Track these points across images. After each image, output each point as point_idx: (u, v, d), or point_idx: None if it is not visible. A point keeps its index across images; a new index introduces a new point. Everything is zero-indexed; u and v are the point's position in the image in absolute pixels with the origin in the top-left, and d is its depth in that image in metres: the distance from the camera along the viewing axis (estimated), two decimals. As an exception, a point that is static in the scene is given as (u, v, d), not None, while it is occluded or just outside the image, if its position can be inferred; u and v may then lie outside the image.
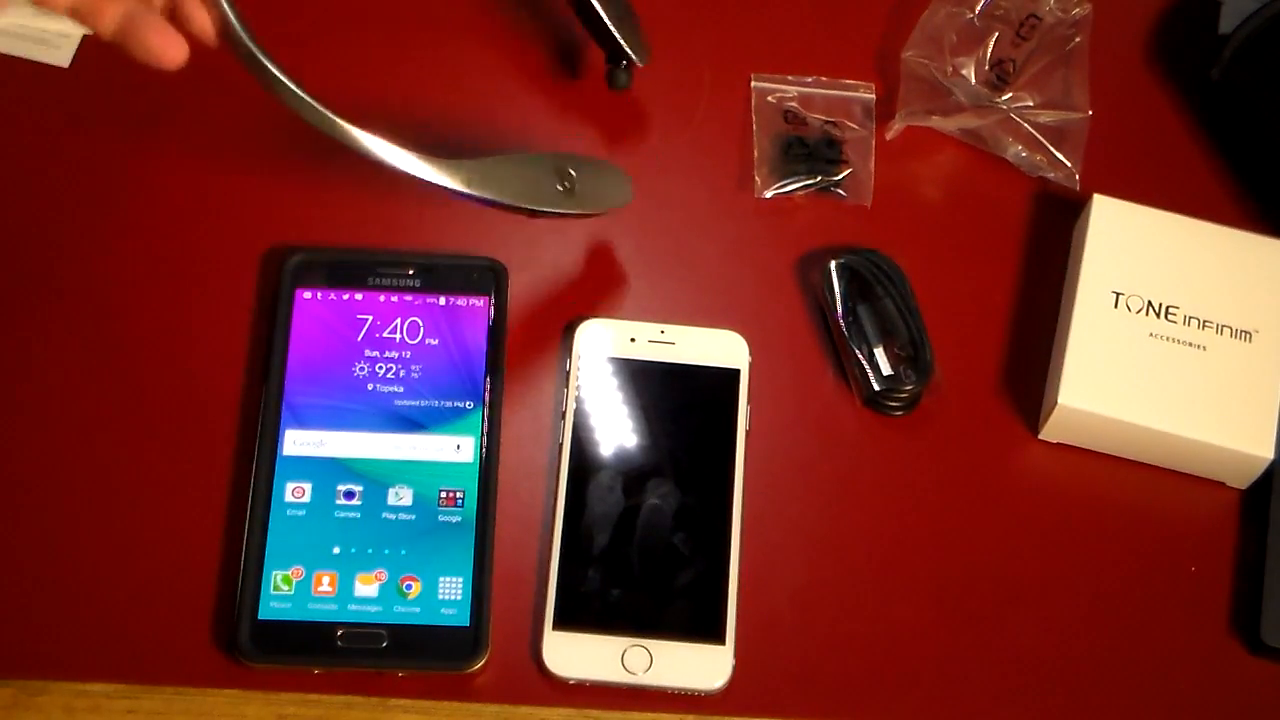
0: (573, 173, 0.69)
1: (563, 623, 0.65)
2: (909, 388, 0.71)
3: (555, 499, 0.68)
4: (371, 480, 0.67)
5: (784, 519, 0.69)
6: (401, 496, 0.67)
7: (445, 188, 0.65)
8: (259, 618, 0.64)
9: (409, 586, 0.65)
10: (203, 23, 0.60)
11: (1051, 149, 0.76)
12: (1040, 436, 0.71)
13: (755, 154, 0.77)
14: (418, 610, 0.65)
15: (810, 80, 0.79)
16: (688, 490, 0.68)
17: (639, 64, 0.75)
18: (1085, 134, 0.76)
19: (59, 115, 0.77)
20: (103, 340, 0.71)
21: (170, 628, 0.65)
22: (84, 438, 0.69)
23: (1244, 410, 0.69)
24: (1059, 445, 0.72)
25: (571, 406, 0.69)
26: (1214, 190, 0.78)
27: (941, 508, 0.70)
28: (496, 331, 0.71)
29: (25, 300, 0.72)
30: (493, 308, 0.71)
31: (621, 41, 0.73)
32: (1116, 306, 0.71)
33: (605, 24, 0.73)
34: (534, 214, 0.68)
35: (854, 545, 0.69)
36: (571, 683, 0.64)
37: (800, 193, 0.76)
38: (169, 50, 0.59)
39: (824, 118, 0.77)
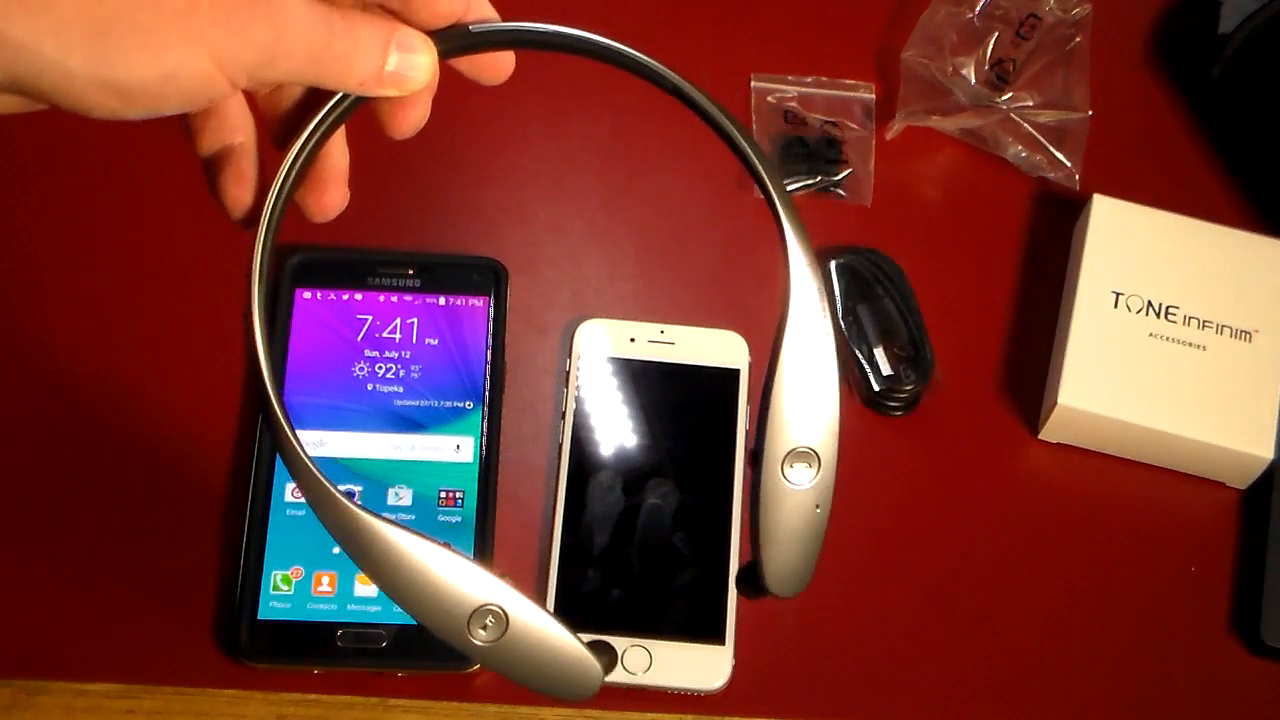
0: None
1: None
2: (909, 388, 0.71)
3: (555, 499, 0.68)
4: (371, 480, 0.67)
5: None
6: (401, 496, 0.67)
7: None
8: (259, 618, 0.64)
9: (409, 586, 0.65)
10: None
11: (1051, 149, 0.76)
12: (1040, 436, 0.71)
13: (755, 154, 0.77)
14: (418, 610, 0.65)
15: (810, 80, 0.79)
16: (688, 490, 0.68)
17: None
18: (1085, 134, 0.76)
19: (58, 115, 0.76)
20: (103, 340, 0.71)
21: (170, 628, 0.65)
22: (84, 437, 0.69)
23: (1244, 410, 0.69)
24: (1059, 445, 0.72)
25: (571, 406, 0.69)
26: (1214, 190, 0.78)
27: (941, 508, 0.70)
28: (496, 331, 0.71)
29: (25, 301, 0.72)
30: (493, 308, 0.71)
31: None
32: (1116, 306, 0.71)
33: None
34: None
35: (854, 545, 0.69)
36: (571, 683, 0.64)
37: (800, 193, 0.76)
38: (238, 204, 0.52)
39: (824, 118, 0.77)
